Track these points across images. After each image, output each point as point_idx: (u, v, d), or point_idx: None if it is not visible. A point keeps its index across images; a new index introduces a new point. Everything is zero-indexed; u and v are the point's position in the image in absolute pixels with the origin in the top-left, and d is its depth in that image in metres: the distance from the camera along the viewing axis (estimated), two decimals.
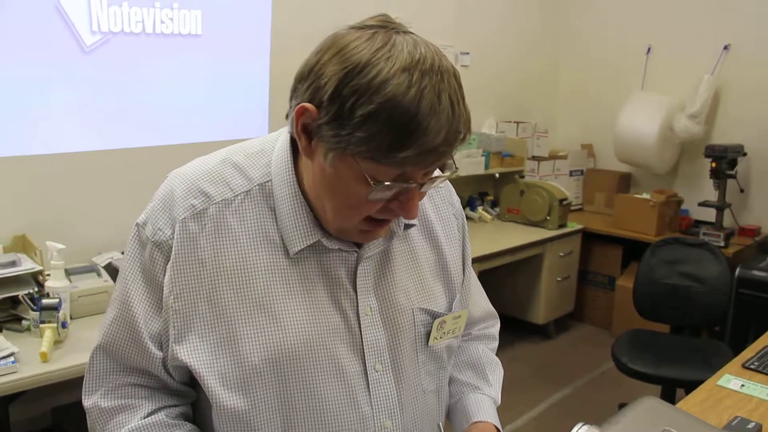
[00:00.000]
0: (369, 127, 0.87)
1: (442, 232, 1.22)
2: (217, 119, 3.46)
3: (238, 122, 3.57)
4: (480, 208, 4.83)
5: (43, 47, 2.85)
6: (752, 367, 2.28)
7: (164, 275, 1.01)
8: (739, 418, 1.88)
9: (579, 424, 1.58)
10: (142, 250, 1.03)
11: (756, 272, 4.13)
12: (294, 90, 0.96)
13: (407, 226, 1.14)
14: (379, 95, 0.86)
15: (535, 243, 4.48)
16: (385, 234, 1.07)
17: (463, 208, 4.79)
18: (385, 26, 0.93)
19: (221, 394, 1.01)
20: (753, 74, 4.80)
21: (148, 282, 1.02)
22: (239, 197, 1.03)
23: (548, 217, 4.61)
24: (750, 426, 1.82)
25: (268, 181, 1.04)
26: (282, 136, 1.07)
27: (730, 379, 2.19)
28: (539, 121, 5.41)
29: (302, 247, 1.02)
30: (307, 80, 0.93)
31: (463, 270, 1.27)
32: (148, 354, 1.04)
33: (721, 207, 4.66)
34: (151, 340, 1.03)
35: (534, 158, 5.25)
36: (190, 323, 1.00)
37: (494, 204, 5.03)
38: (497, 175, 4.91)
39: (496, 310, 1.47)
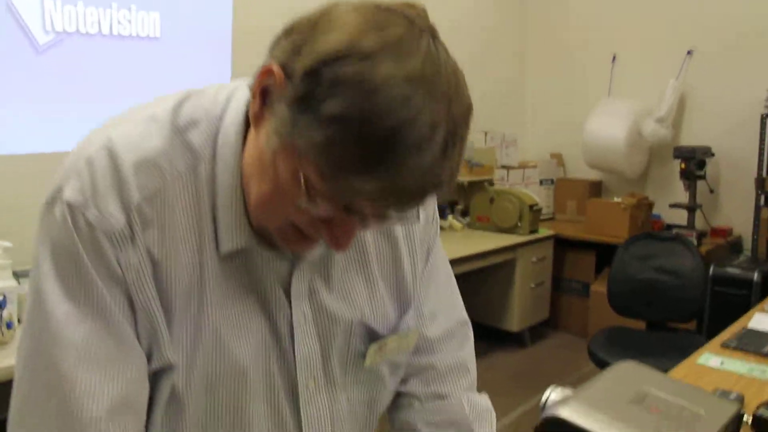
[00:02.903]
0: (333, 132, 0.68)
1: (402, 226, 1.01)
2: None
3: None
4: (450, 217, 4.78)
5: None
6: (731, 345, 2.23)
7: (120, 268, 0.79)
8: (720, 390, 1.82)
9: (551, 387, 1.51)
10: (82, 241, 0.78)
11: (730, 269, 4.13)
12: (275, 42, 0.77)
13: None
14: (362, 97, 0.67)
15: (506, 248, 4.43)
16: (314, 249, 0.87)
17: None
18: (414, 22, 0.73)
19: (186, 395, 0.87)
20: (716, 77, 4.84)
21: (108, 277, 0.79)
22: (184, 177, 0.82)
23: (519, 223, 4.56)
24: (732, 396, 1.76)
25: (213, 158, 0.84)
26: (239, 93, 0.86)
27: (709, 358, 2.13)
28: (507, 131, 5.39)
29: (234, 247, 0.84)
30: (291, 37, 0.74)
31: (426, 263, 1.06)
32: (138, 362, 0.82)
33: (692, 208, 4.65)
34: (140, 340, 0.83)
35: (503, 167, 5.22)
36: (152, 320, 0.83)
37: (464, 213, 4.98)
38: (466, 183, 4.86)
39: (469, 318, 1.21)
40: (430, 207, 1.05)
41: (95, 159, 0.79)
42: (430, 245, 1.07)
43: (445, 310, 1.13)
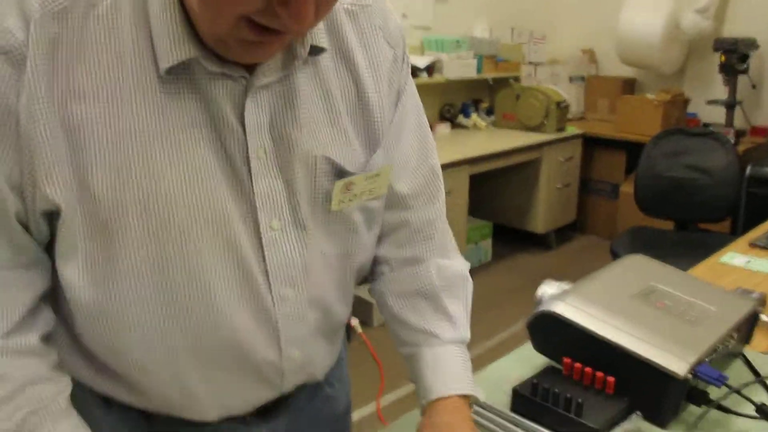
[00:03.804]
0: None
1: (365, 61, 0.92)
2: None
3: None
4: (474, 115, 4.60)
5: None
6: (760, 244, 2.06)
7: (18, 96, 0.72)
8: (741, 289, 1.68)
9: (547, 281, 1.38)
10: None
11: None
12: None
13: (315, 50, 0.86)
14: None
15: (531, 146, 4.26)
16: (279, 49, 0.79)
17: (456, 115, 4.69)
18: None
19: (87, 255, 0.79)
20: None
21: None
22: None
23: (545, 121, 4.37)
24: (754, 295, 1.61)
25: None
26: None
27: (734, 256, 1.98)
28: (536, 27, 5.10)
29: (174, 62, 0.75)
30: None
31: (395, 108, 0.98)
32: (5, 207, 0.76)
33: (731, 105, 4.40)
34: (8, 183, 0.75)
35: (531, 63, 4.97)
36: (56, 156, 0.75)
37: (489, 112, 4.78)
38: (491, 80, 4.65)
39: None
40: (399, 46, 0.97)
41: None
42: (400, 88, 0.98)
43: (416, 163, 1.04)
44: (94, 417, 0.90)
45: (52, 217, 0.78)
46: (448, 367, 1.00)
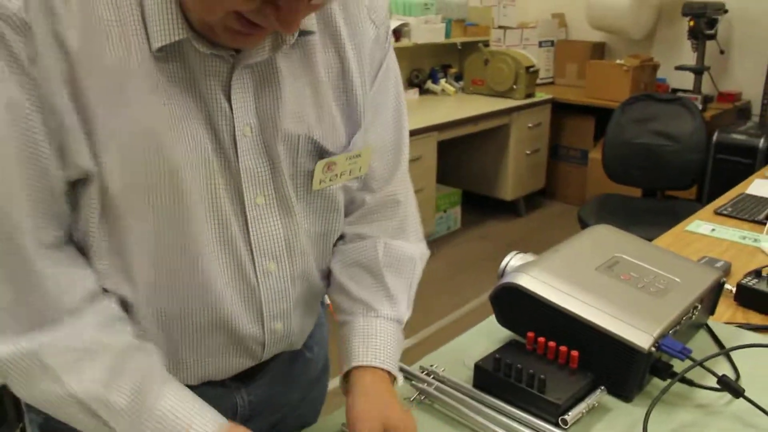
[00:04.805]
0: None
1: (350, 40, 0.93)
2: None
3: None
4: (443, 81, 4.55)
5: None
6: (725, 212, 2.06)
7: (30, 62, 0.72)
8: (707, 258, 1.67)
9: (512, 253, 1.36)
10: None
11: (735, 135, 3.94)
12: None
13: (303, 33, 0.87)
14: None
15: (500, 112, 4.23)
16: (260, 41, 0.81)
17: (424, 81, 4.64)
18: None
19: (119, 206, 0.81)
20: None
21: (16, 72, 0.72)
22: None
23: (515, 86, 4.33)
24: (719, 264, 1.61)
25: None
26: None
27: (700, 225, 1.97)
28: None
29: (165, 42, 0.77)
30: None
31: (373, 82, 0.98)
32: (49, 173, 0.76)
33: (699, 70, 4.39)
34: (52, 147, 0.76)
35: (500, 27, 4.92)
36: (73, 123, 0.76)
37: (458, 78, 4.74)
38: (459, 45, 4.60)
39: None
40: (383, 25, 0.98)
41: None
42: (380, 63, 1.00)
43: (390, 146, 1.05)
44: None
45: (76, 184, 0.80)
46: (380, 340, 0.99)
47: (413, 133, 3.62)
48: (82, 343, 0.79)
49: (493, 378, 1.08)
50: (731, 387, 1.03)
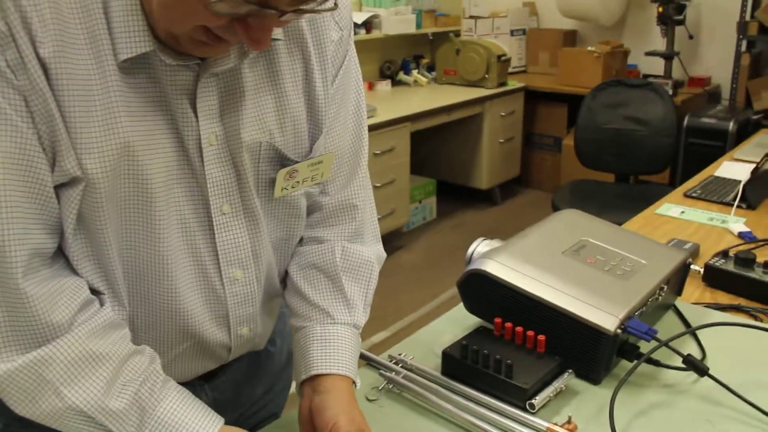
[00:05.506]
0: None
1: (313, 44, 0.92)
2: None
3: None
4: (415, 72, 4.55)
5: None
6: (694, 195, 2.08)
7: (18, 71, 0.71)
8: (676, 240, 1.68)
9: (479, 239, 1.36)
10: None
11: (705, 119, 3.97)
12: None
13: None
14: None
15: (473, 101, 4.23)
16: (226, 50, 0.81)
17: (396, 72, 4.63)
18: None
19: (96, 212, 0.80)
20: None
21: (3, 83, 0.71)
22: None
23: (487, 75, 4.34)
24: (687, 246, 1.62)
25: None
26: None
27: (669, 207, 1.99)
28: None
29: (131, 54, 0.76)
30: None
31: (333, 81, 0.97)
32: (43, 176, 0.75)
33: (669, 56, 4.42)
34: (44, 150, 0.75)
35: (471, 17, 4.91)
36: (58, 125, 0.75)
37: (431, 68, 4.73)
38: (431, 35, 4.59)
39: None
40: (347, 27, 0.98)
41: None
42: (341, 65, 0.99)
43: (348, 150, 1.03)
44: None
45: (61, 188, 0.79)
46: (338, 347, 0.97)
47: (386, 124, 3.61)
48: (78, 354, 0.78)
49: (461, 365, 1.07)
50: (696, 366, 1.04)
